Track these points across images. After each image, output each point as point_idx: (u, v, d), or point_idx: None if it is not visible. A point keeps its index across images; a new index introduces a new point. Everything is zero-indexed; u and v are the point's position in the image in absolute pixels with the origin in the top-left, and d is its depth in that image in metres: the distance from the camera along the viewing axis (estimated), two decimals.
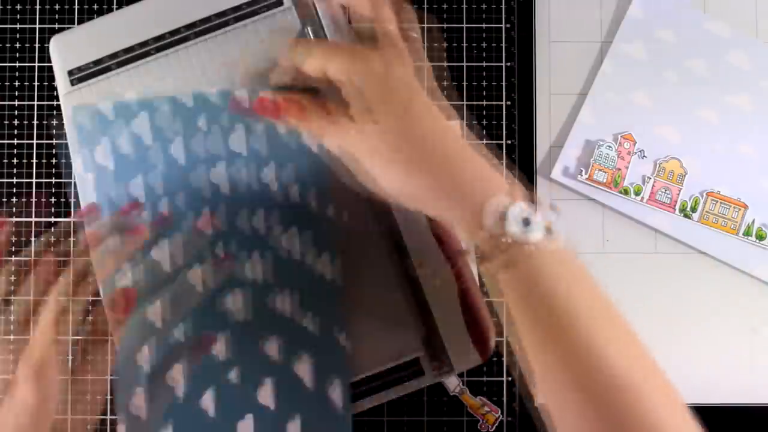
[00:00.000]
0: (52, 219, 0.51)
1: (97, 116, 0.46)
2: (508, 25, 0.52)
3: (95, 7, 0.52)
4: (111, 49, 0.48)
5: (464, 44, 0.51)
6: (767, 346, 0.51)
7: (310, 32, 0.47)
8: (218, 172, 0.45)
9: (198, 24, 0.48)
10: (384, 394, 0.46)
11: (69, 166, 0.48)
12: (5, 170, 0.51)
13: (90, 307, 0.45)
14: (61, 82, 0.48)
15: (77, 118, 0.46)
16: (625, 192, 0.50)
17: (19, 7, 0.52)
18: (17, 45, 0.52)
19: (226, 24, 0.48)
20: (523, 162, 0.51)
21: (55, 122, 0.52)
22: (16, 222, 0.51)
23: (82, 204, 0.45)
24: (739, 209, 0.50)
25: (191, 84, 0.47)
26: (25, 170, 0.51)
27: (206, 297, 0.44)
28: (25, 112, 0.52)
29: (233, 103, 0.45)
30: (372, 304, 0.46)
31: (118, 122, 0.46)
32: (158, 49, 0.48)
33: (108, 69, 0.48)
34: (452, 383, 0.50)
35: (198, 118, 0.46)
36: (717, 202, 0.50)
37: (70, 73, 0.48)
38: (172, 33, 0.48)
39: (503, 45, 0.52)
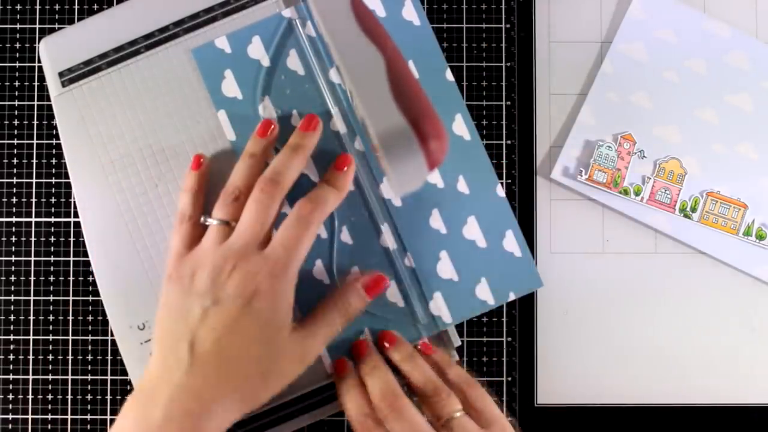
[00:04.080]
0: (52, 219, 0.51)
1: (217, 52, 0.47)
2: (508, 25, 0.52)
3: (95, 7, 0.52)
4: (101, 49, 0.48)
5: (464, 44, 0.51)
6: (767, 346, 0.51)
7: (298, 25, 0.47)
8: (335, 72, 0.47)
9: (186, 20, 0.48)
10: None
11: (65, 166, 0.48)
12: (5, 170, 0.51)
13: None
14: (52, 84, 0.48)
15: (199, 59, 0.47)
16: (625, 192, 0.50)
17: (18, 7, 0.52)
18: (17, 45, 0.52)
19: (214, 19, 0.48)
20: (523, 162, 0.51)
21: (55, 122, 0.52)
22: (16, 222, 0.51)
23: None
24: (739, 209, 0.50)
25: (183, 81, 0.48)
26: (25, 170, 0.51)
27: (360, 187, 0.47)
28: (25, 112, 0.52)
29: None
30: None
31: (236, 52, 0.47)
32: (148, 47, 0.48)
33: (99, 69, 0.48)
34: None
35: (304, 27, 0.47)
36: (717, 202, 0.50)
37: (61, 74, 0.48)
38: (161, 30, 0.48)
39: (503, 45, 0.52)
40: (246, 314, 0.40)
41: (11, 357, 0.51)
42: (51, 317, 0.51)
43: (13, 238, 0.51)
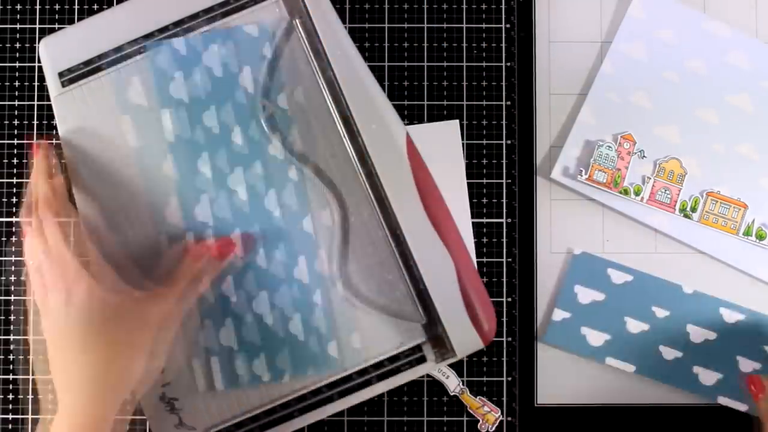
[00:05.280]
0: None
1: (171, 52, 0.47)
2: (508, 25, 0.52)
3: (95, 7, 0.52)
4: (100, 49, 0.48)
5: (464, 44, 0.51)
6: None
7: (299, 26, 0.47)
8: (285, 97, 0.47)
9: (186, 21, 0.48)
10: (387, 382, 0.46)
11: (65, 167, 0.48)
12: (5, 170, 0.51)
13: None
14: (52, 84, 0.48)
15: (154, 57, 0.47)
16: (625, 192, 0.50)
17: (18, 7, 0.52)
18: (17, 45, 0.52)
19: (213, 20, 0.48)
20: (523, 162, 0.51)
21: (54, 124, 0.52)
22: (16, 222, 0.51)
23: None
24: (739, 209, 0.50)
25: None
26: (25, 170, 0.51)
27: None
28: (25, 112, 0.52)
29: None
30: (372, 292, 0.46)
31: (190, 56, 0.47)
32: (147, 47, 0.48)
33: (98, 69, 0.48)
34: (452, 383, 0.50)
35: (263, 47, 0.47)
36: (717, 202, 0.50)
37: (61, 74, 0.48)
38: (161, 30, 0.48)
39: (503, 45, 0.52)
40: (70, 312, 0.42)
41: (11, 357, 0.51)
42: None
43: (13, 238, 0.51)
